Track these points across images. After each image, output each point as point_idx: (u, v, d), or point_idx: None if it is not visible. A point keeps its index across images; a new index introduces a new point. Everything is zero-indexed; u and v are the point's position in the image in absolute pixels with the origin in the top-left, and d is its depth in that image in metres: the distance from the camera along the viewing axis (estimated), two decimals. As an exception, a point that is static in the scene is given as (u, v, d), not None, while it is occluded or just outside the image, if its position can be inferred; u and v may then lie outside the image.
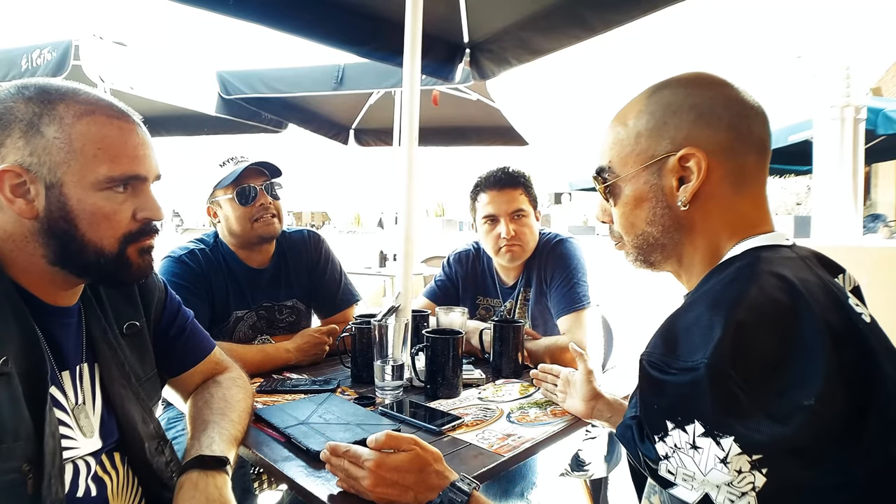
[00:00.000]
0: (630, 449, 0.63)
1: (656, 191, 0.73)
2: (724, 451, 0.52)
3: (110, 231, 0.77)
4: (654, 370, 0.59)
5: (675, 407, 0.56)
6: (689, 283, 0.76)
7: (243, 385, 1.07)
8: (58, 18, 59.99)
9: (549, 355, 1.52)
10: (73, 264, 0.77)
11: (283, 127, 4.93)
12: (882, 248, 3.15)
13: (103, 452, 0.82)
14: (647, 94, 0.74)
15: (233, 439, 0.91)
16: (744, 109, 0.70)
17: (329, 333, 1.57)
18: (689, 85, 0.72)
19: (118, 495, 0.82)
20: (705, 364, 0.53)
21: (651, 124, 0.72)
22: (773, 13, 6.89)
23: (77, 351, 0.82)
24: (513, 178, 1.72)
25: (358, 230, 19.14)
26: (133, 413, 0.85)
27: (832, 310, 0.58)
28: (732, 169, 0.70)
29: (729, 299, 0.58)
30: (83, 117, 0.74)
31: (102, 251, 0.77)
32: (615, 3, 1.63)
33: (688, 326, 0.60)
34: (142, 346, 0.94)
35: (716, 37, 9.54)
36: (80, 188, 0.74)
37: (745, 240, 0.68)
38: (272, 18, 1.63)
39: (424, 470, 0.77)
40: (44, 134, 0.72)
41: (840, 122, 3.48)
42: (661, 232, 0.74)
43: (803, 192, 12.39)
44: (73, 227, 0.74)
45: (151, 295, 0.98)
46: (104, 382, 0.84)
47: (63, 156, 0.73)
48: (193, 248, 1.58)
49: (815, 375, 0.52)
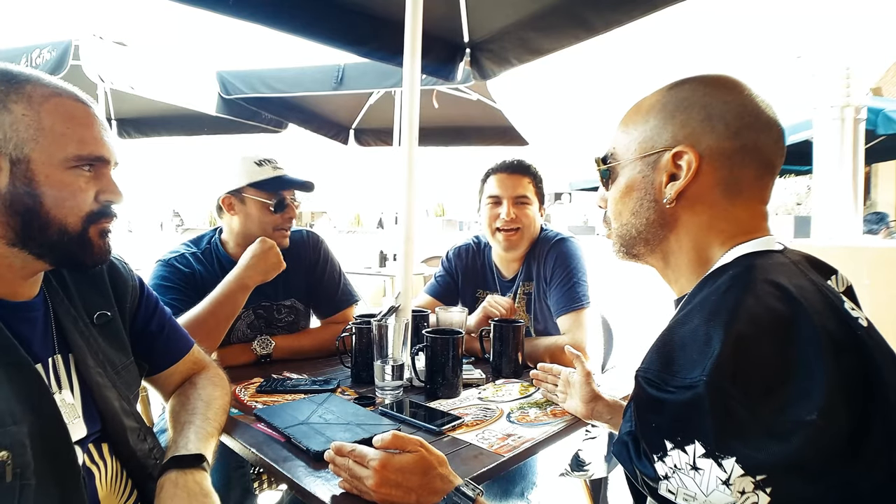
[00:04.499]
0: (626, 466, 0.62)
1: (647, 183, 0.73)
2: (727, 473, 0.51)
3: (75, 209, 0.78)
4: (651, 388, 0.57)
5: (674, 427, 0.54)
6: (677, 285, 0.75)
7: (220, 383, 1.09)
8: (58, 18, 59.82)
9: (549, 355, 1.52)
10: (35, 243, 0.76)
11: (283, 127, 4.94)
12: (882, 248, 3.14)
13: (89, 442, 0.83)
14: (667, 87, 0.74)
15: (209, 436, 0.92)
16: (756, 122, 0.69)
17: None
18: (709, 85, 0.71)
19: (108, 486, 0.84)
20: (704, 382, 0.52)
21: (659, 116, 0.72)
22: (773, 13, 6.86)
23: (47, 343, 0.83)
24: (523, 167, 1.78)
25: (358, 230, 19.16)
26: (112, 401, 0.86)
27: (829, 316, 0.57)
28: (727, 178, 0.69)
29: (725, 310, 0.57)
30: (51, 98, 0.76)
31: (66, 229, 0.77)
32: (616, 2, 1.63)
33: (684, 340, 0.58)
34: (115, 335, 0.94)
35: (716, 37, 9.51)
36: (48, 165, 0.75)
37: (736, 246, 0.67)
38: (272, 18, 1.63)
39: (429, 473, 0.77)
40: (11, 111, 0.73)
41: (840, 122, 3.48)
42: (644, 225, 0.74)
43: (803, 192, 12.38)
44: (39, 202, 0.74)
45: (124, 287, 0.98)
46: (80, 372, 0.85)
47: (31, 132, 0.73)
48: (184, 251, 1.58)
49: (815, 389, 0.51)
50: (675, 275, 0.75)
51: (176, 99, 3.94)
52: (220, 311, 1.39)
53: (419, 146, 1.48)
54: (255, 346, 1.53)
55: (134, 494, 0.88)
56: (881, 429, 0.52)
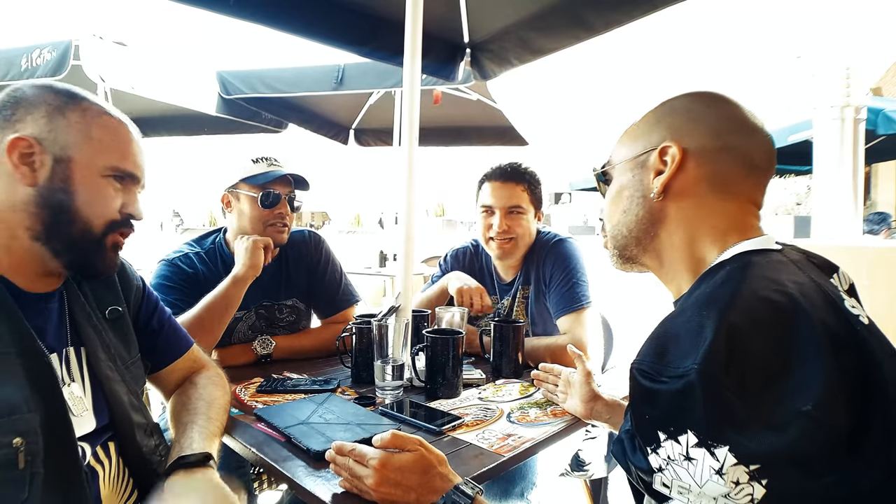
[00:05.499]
0: (620, 462, 0.62)
1: (636, 182, 0.76)
2: (720, 462, 0.50)
3: (101, 213, 0.84)
4: (644, 379, 0.58)
5: (666, 417, 0.54)
6: (674, 285, 0.76)
7: (220, 383, 1.10)
8: (58, 18, 59.54)
9: (549, 355, 1.52)
10: (58, 239, 0.81)
11: (283, 127, 4.93)
12: (882, 248, 3.14)
13: (98, 444, 0.84)
14: (662, 102, 0.78)
15: (212, 436, 0.93)
16: (738, 126, 0.72)
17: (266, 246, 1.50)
18: (697, 96, 0.76)
19: (110, 485, 0.84)
20: (696, 370, 0.52)
21: (649, 125, 0.77)
22: (772, 13, 6.86)
23: (61, 335, 0.85)
24: (517, 174, 1.74)
25: (358, 230, 19.14)
26: (121, 395, 0.88)
27: (829, 313, 0.57)
28: (712, 173, 0.71)
29: (720, 300, 0.57)
30: (103, 115, 0.86)
31: (89, 229, 0.83)
32: (616, 3, 1.62)
33: (677, 331, 0.58)
34: (125, 330, 0.97)
35: (716, 37, 9.52)
36: (87, 168, 0.82)
37: (734, 245, 0.67)
38: (272, 18, 1.63)
39: (428, 472, 0.77)
40: (67, 117, 0.81)
41: (840, 122, 3.48)
42: (634, 223, 0.76)
43: (803, 192, 12.37)
44: (71, 198, 0.80)
45: (130, 286, 1.02)
46: (91, 365, 0.86)
47: (79, 137, 0.81)
48: (188, 251, 1.59)
49: (813, 381, 0.50)
50: (672, 274, 0.75)
51: (176, 99, 3.94)
52: (214, 307, 1.40)
53: (419, 146, 1.48)
54: (255, 346, 1.53)
55: (134, 494, 0.89)
56: (881, 426, 0.52)
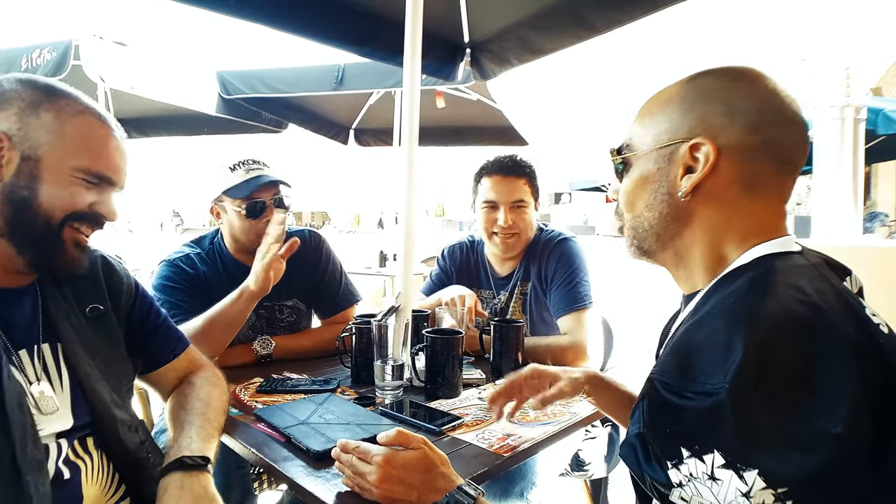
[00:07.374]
0: (634, 469, 0.60)
1: (662, 175, 0.70)
2: (748, 486, 0.48)
3: (62, 204, 0.82)
4: (668, 392, 0.55)
5: (691, 434, 0.52)
6: (688, 283, 0.73)
7: (217, 383, 1.10)
8: (58, 18, 59.60)
9: (549, 355, 1.52)
10: (20, 234, 0.80)
11: (283, 127, 4.93)
12: (882, 248, 3.15)
13: (75, 439, 0.83)
14: (687, 79, 0.71)
15: (210, 437, 0.92)
16: (778, 117, 0.65)
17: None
18: (730, 77, 0.69)
19: (93, 480, 0.83)
20: (726, 389, 0.50)
21: (678, 108, 0.70)
22: (773, 13, 6.86)
23: (33, 330, 0.84)
24: (518, 167, 1.73)
25: (358, 230, 19.13)
26: (102, 392, 0.87)
27: (852, 323, 0.55)
28: (745, 173, 0.66)
29: (746, 314, 0.54)
30: (79, 115, 0.83)
31: (49, 220, 0.81)
32: (617, 2, 1.62)
33: (703, 345, 0.56)
34: (108, 329, 0.96)
35: (717, 37, 9.49)
36: (55, 168, 0.81)
37: (753, 246, 0.65)
38: (272, 18, 1.63)
39: (431, 471, 0.77)
40: (39, 116, 0.80)
41: (840, 122, 3.48)
42: (657, 219, 0.72)
43: (803, 192, 12.37)
44: (34, 195, 0.79)
45: (119, 285, 1.01)
46: (70, 362, 0.86)
47: (50, 137, 0.80)
48: (189, 251, 1.59)
49: (842, 399, 0.49)
50: (687, 273, 0.72)
51: (176, 99, 3.94)
52: (218, 318, 1.39)
53: (419, 146, 1.48)
54: (255, 346, 1.53)
55: (121, 489, 0.88)
56: None
